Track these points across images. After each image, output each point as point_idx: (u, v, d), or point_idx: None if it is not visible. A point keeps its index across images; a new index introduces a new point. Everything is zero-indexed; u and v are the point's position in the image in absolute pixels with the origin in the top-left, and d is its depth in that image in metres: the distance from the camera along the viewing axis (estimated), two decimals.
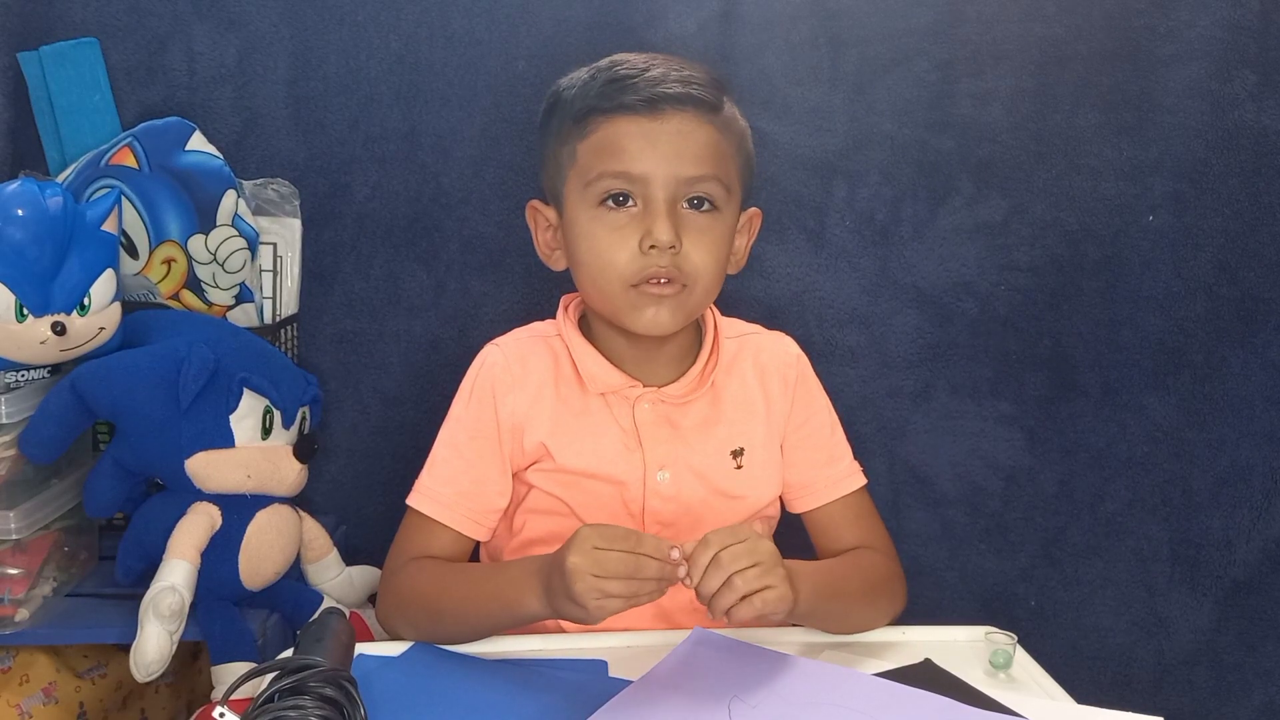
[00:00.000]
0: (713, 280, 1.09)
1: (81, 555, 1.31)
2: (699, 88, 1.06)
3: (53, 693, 1.23)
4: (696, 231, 1.07)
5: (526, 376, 1.14)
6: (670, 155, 1.05)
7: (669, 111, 1.05)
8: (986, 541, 1.61)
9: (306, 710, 0.77)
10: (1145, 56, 1.50)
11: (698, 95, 1.06)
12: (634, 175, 1.05)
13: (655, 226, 1.04)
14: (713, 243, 1.08)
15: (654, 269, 1.05)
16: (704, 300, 1.11)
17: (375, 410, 1.56)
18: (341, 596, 1.38)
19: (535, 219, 1.16)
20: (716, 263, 1.09)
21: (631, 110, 1.05)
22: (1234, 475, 1.60)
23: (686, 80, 1.06)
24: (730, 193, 1.09)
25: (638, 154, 1.05)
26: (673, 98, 1.05)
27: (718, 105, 1.08)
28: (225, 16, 1.47)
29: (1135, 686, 1.65)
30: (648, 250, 1.05)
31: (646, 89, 1.05)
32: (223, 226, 1.41)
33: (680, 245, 1.05)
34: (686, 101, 1.05)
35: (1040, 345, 1.57)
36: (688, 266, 1.06)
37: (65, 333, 1.20)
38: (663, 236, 1.04)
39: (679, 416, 1.14)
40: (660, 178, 1.05)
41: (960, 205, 1.54)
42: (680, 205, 1.06)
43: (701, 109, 1.06)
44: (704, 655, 0.97)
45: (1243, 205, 1.54)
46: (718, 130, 1.08)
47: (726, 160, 1.08)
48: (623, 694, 0.90)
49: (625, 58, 1.10)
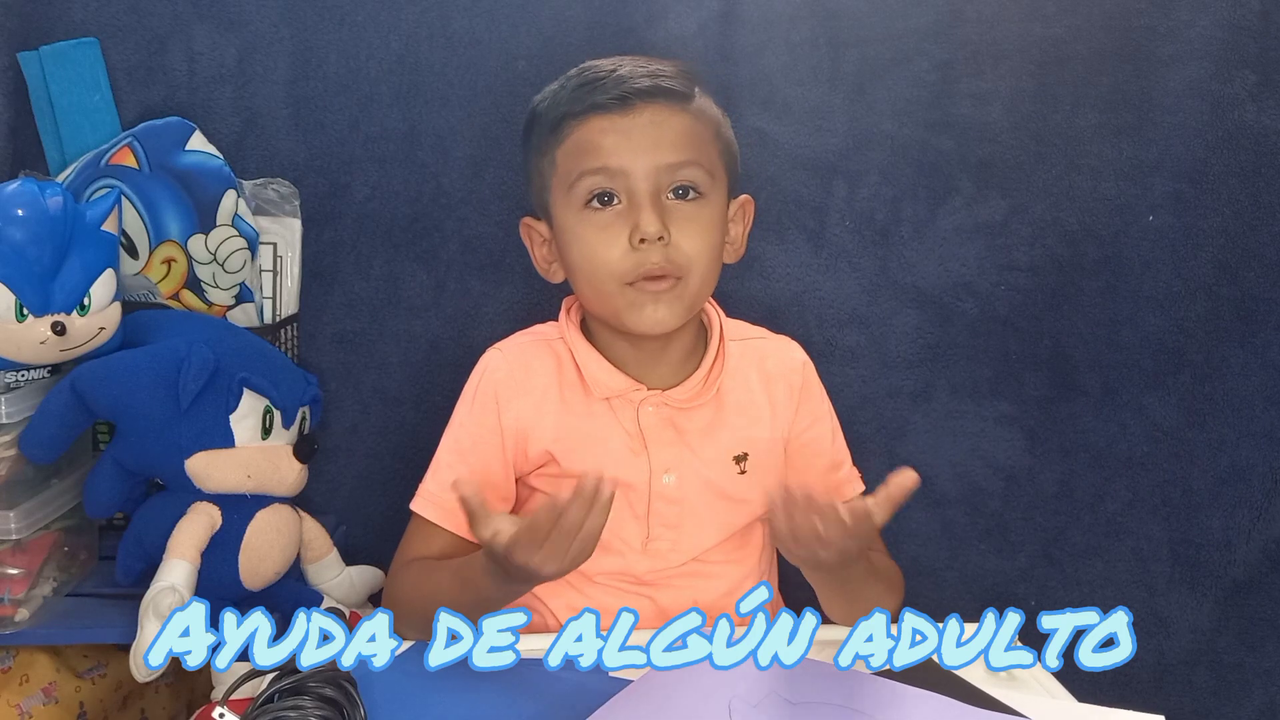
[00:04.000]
0: (708, 268, 1.09)
1: (81, 555, 1.31)
2: (668, 79, 1.08)
3: (53, 693, 1.23)
4: (684, 220, 1.07)
5: (530, 382, 1.14)
6: (647, 146, 1.05)
7: (640, 105, 1.06)
8: (986, 541, 1.61)
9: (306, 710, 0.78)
10: (1145, 57, 1.50)
11: (667, 86, 1.07)
12: (613, 170, 1.05)
13: (642, 219, 1.04)
14: (702, 229, 1.08)
15: (647, 265, 1.05)
16: (702, 290, 1.10)
17: (375, 410, 1.56)
18: (342, 597, 1.38)
19: (530, 236, 1.17)
20: (709, 249, 1.09)
21: (603, 109, 1.06)
22: (1234, 475, 1.59)
23: (654, 74, 1.07)
24: (714, 178, 1.09)
25: (613, 149, 1.05)
26: (642, 91, 1.06)
27: (689, 95, 1.09)
28: (225, 17, 1.47)
29: (1135, 686, 1.64)
30: (638, 245, 1.05)
31: (615, 87, 1.06)
32: (223, 226, 1.41)
33: (669, 236, 1.05)
34: (656, 93, 1.06)
35: (1040, 345, 1.57)
36: (680, 258, 1.06)
37: (65, 333, 1.20)
38: (650, 228, 1.04)
39: (683, 420, 1.14)
40: (640, 170, 1.05)
41: (960, 205, 1.54)
42: (665, 196, 1.07)
43: (673, 99, 1.07)
44: None
45: (1243, 205, 1.54)
46: (692, 117, 1.08)
47: (705, 146, 1.09)
48: (622, 693, 0.90)
49: (594, 63, 1.11)
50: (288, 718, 0.77)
